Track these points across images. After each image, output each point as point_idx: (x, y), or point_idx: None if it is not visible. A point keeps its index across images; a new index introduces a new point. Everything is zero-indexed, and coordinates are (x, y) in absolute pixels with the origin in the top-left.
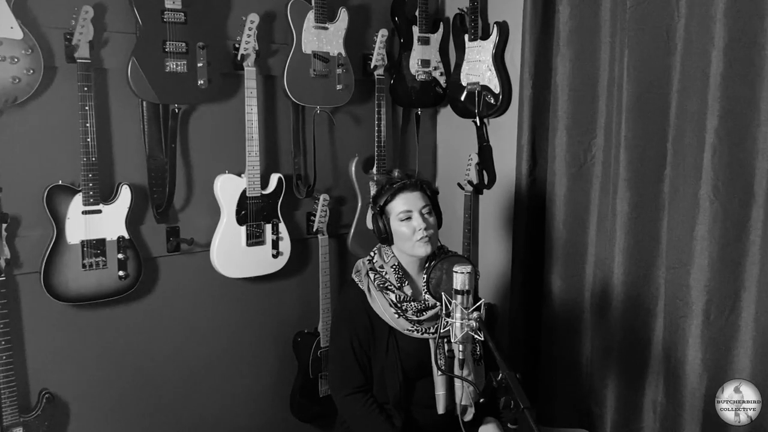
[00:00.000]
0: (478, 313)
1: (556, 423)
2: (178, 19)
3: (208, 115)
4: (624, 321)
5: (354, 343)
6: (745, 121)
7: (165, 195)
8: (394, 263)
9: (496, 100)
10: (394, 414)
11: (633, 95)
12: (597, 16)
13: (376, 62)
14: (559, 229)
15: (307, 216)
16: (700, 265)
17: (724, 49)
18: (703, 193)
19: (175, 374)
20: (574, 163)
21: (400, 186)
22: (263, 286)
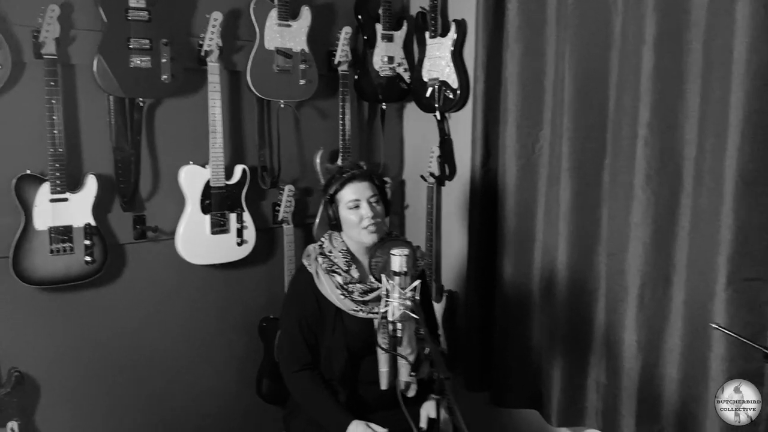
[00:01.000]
0: (413, 293)
1: (508, 404)
2: (141, 17)
3: (173, 108)
4: (569, 305)
5: (302, 323)
6: (673, 113)
7: (131, 184)
8: (343, 248)
9: (455, 95)
10: (339, 390)
11: (574, 89)
12: (543, 12)
13: (340, 58)
14: (509, 218)
15: (273, 206)
16: (635, 251)
17: (654, 44)
18: (637, 182)
19: (143, 357)
20: (523, 155)
21: (350, 176)
22: (229, 273)
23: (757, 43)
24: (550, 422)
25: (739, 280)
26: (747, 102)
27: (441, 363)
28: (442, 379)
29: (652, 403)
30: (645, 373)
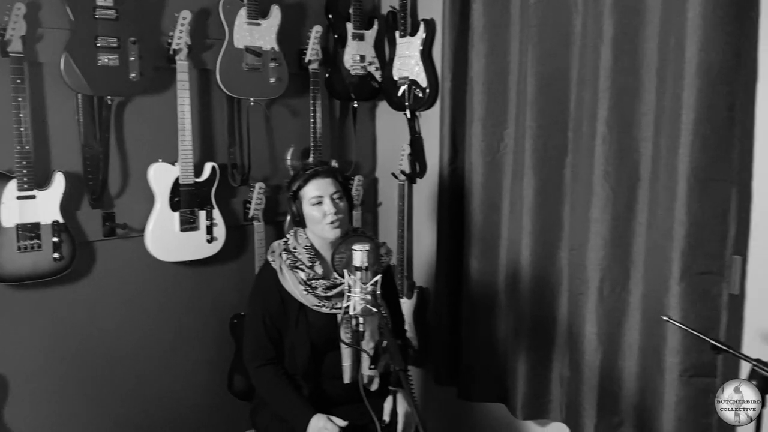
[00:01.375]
0: (374, 287)
1: (475, 398)
2: (109, 16)
3: (142, 106)
4: (533, 300)
5: (266, 318)
6: (630, 111)
7: (99, 182)
8: (307, 244)
9: (424, 94)
10: (302, 384)
11: (537, 88)
12: (507, 13)
13: (311, 57)
14: (476, 215)
15: (244, 203)
16: (595, 245)
17: (612, 44)
18: (596, 178)
19: (114, 354)
20: (489, 153)
21: (313, 173)
22: (199, 271)
23: (708, 42)
24: (515, 416)
25: (692, 274)
26: (698, 100)
27: (398, 355)
28: (398, 370)
29: (612, 396)
30: (605, 366)
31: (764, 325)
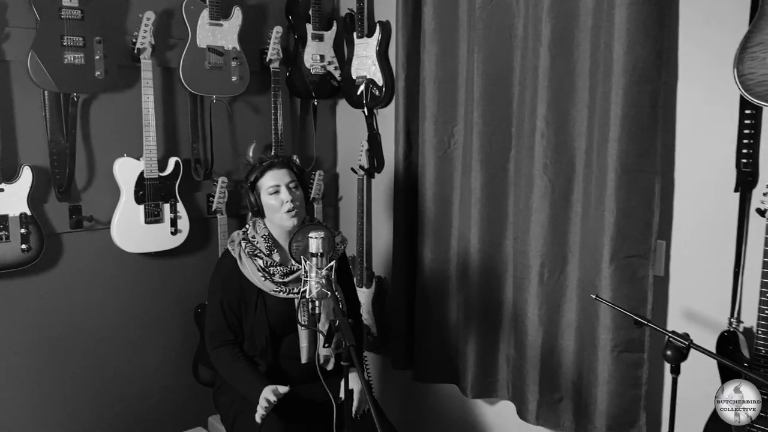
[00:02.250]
0: (329, 272)
1: (429, 379)
2: (75, 16)
3: (107, 103)
4: (482, 286)
5: (224, 304)
6: (566, 108)
7: (66, 176)
8: (265, 233)
9: (380, 92)
10: (260, 363)
11: (483, 87)
12: (455, 16)
13: (271, 56)
14: (429, 207)
15: (207, 197)
16: (535, 234)
17: (549, 45)
18: (536, 171)
19: (81, 344)
20: (440, 148)
21: (269, 164)
22: (164, 262)
23: (632, 43)
24: (466, 395)
25: (621, 257)
26: (624, 97)
27: (348, 332)
28: (349, 346)
29: (552, 373)
30: (546, 346)
31: (687, 303)
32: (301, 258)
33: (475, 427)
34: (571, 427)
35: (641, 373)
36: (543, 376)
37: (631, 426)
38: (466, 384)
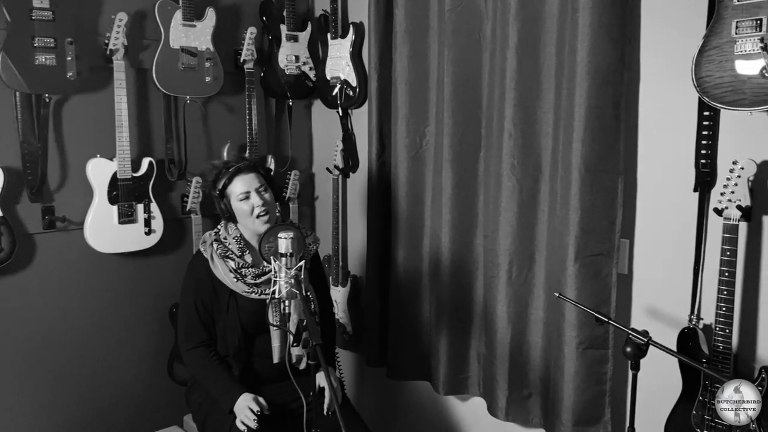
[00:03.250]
0: (296, 271)
1: (403, 377)
2: (46, 17)
3: (80, 104)
4: (453, 284)
5: (197, 304)
6: (532, 109)
7: (38, 176)
8: (237, 234)
9: (354, 93)
10: (233, 365)
11: (453, 88)
12: (426, 18)
13: (246, 57)
14: (402, 206)
15: (182, 197)
16: (504, 232)
17: (516, 48)
18: (504, 170)
19: (55, 344)
20: (412, 148)
21: (236, 169)
22: (139, 262)
23: (595, 46)
24: (438, 392)
25: (585, 256)
26: (587, 98)
27: (315, 331)
28: (314, 345)
29: (521, 370)
30: (515, 342)
31: (650, 301)
32: (271, 258)
33: (448, 424)
34: (539, 423)
35: (606, 369)
36: (512, 373)
37: (597, 421)
38: (438, 381)
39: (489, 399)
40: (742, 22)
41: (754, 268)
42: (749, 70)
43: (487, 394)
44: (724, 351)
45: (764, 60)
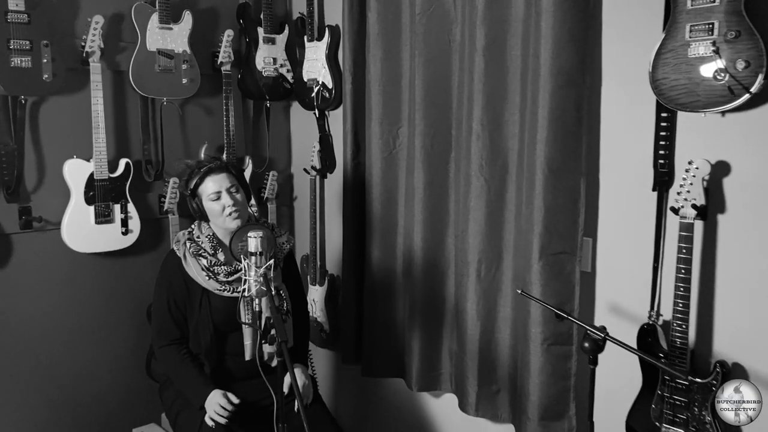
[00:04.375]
0: (265, 270)
1: (377, 374)
2: (21, 20)
3: (56, 105)
4: (425, 282)
5: (170, 302)
6: (500, 111)
7: (14, 177)
8: (210, 233)
9: (330, 95)
10: (205, 362)
11: (424, 90)
12: (398, 21)
13: (223, 59)
14: (376, 207)
15: (159, 198)
16: (473, 231)
17: (484, 51)
18: (473, 171)
19: (33, 344)
20: (386, 149)
21: (207, 169)
22: (116, 261)
23: (558, 49)
24: (411, 389)
25: (549, 254)
26: (550, 101)
27: (281, 328)
28: (280, 342)
29: (490, 366)
30: (484, 339)
31: (612, 298)
32: (241, 257)
33: (421, 420)
34: (507, 419)
35: (570, 365)
36: (481, 369)
37: (562, 416)
38: (411, 378)
39: (460, 395)
40: (696, 26)
41: (709, 265)
42: (702, 72)
43: (458, 390)
44: (681, 346)
45: (716, 63)
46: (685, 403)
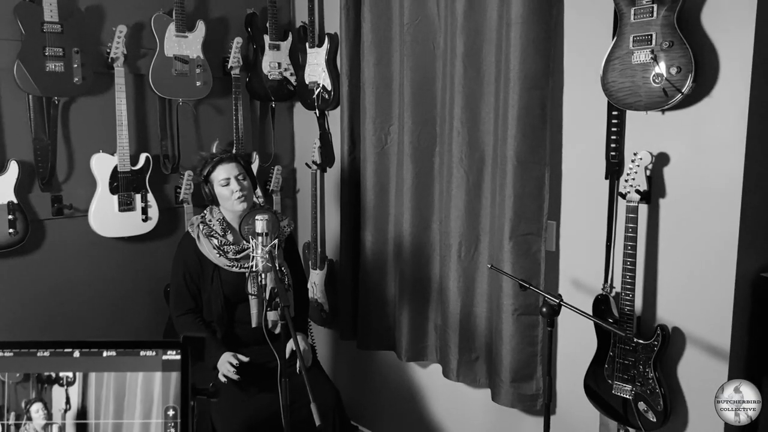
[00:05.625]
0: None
1: (371, 347)
2: (55, 30)
3: (85, 105)
4: (413, 263)
5: (186, 277)
6: (477, 110)
7: (48, 169)
8: (220, 217)
9: (329, 96)
10: (217, 329)
11: (412, 91)
12: (389, 30)
13: (232, 64)
14: (369, 197)
15: (175, 189)
16: (455, 217)
17: (463, 57)
18: (455, 163)
19: (60, 317)
20: (378, 145)
21: (218, 159)
22: (136, 246)
23: (524, 57)
24: (401, 359)
25: (518, 235)
26: (519, 101)
27: (284, 294)
28: (283, 306)
29: (469, 337)
30: (464, 313)
31: (574, 273)
32: (249, 237)
33: (410, 388)
34: (485, 383)
35: (537, 332)
36: (462, 340)
37: (530, 378)
38: (401, 350)
39: (443, 364)
40: (638, 37)
41: (653, 242)
42: (644, 77)
43: (442, 359)
44: (629, 313)
45: (655, 68)
46: (632, 362)
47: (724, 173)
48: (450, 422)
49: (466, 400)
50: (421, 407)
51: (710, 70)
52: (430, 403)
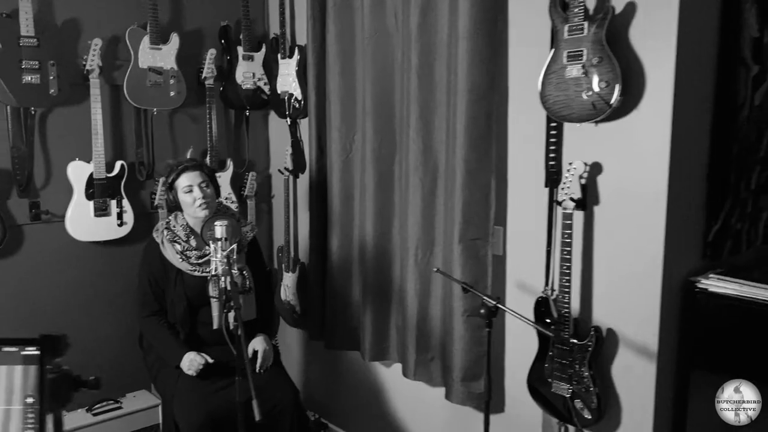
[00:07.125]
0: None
1: (338, 347)
2: (31, 44)
3: (62, 115)
4: (376, 267)
5: (150, 280)
6: (430, 120)
7: (25, 176)
8: (184, 223)
9: (300, 105)
10: (180, 330)
11: (373, 102)
12: (352, 42)
13: (206, 74)
14: (336, 203)
15: (150, 194)
16: (412, 222)
17: (416, 70)
18: (411, 171)
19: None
20: (343, 152)
21: (183, 167)
22: (112, 249)
23: (471, 69)
24: (365, 359)
25: (467, 240)
26: (466, 112)
27: (236, 297)
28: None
29: (426, 337)
30: (420, 315)
31: (519, 277)
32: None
33: (375, 386)
34: (440, 382)
35: (485, 333)
36: (419, 340)
37: (479, 377)
38: (365, 350)
39: (403, 363)
40: (571, 53)
41: (588, 247)
42: (576, 90)
43: (402, 359)
44: (566, 314)
45: (585, 83)
46: (570, 361)
47: (651, 181)
48: (410, 420)
49: (424, 398)
50: (385, 405)
51: (637, 85)
52: (392, 402)
